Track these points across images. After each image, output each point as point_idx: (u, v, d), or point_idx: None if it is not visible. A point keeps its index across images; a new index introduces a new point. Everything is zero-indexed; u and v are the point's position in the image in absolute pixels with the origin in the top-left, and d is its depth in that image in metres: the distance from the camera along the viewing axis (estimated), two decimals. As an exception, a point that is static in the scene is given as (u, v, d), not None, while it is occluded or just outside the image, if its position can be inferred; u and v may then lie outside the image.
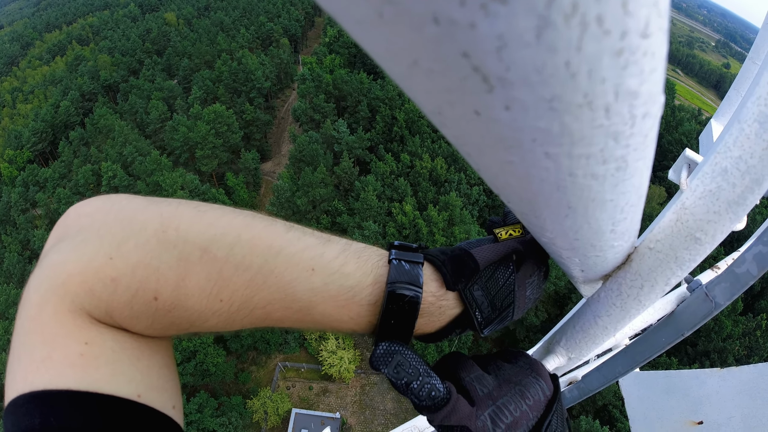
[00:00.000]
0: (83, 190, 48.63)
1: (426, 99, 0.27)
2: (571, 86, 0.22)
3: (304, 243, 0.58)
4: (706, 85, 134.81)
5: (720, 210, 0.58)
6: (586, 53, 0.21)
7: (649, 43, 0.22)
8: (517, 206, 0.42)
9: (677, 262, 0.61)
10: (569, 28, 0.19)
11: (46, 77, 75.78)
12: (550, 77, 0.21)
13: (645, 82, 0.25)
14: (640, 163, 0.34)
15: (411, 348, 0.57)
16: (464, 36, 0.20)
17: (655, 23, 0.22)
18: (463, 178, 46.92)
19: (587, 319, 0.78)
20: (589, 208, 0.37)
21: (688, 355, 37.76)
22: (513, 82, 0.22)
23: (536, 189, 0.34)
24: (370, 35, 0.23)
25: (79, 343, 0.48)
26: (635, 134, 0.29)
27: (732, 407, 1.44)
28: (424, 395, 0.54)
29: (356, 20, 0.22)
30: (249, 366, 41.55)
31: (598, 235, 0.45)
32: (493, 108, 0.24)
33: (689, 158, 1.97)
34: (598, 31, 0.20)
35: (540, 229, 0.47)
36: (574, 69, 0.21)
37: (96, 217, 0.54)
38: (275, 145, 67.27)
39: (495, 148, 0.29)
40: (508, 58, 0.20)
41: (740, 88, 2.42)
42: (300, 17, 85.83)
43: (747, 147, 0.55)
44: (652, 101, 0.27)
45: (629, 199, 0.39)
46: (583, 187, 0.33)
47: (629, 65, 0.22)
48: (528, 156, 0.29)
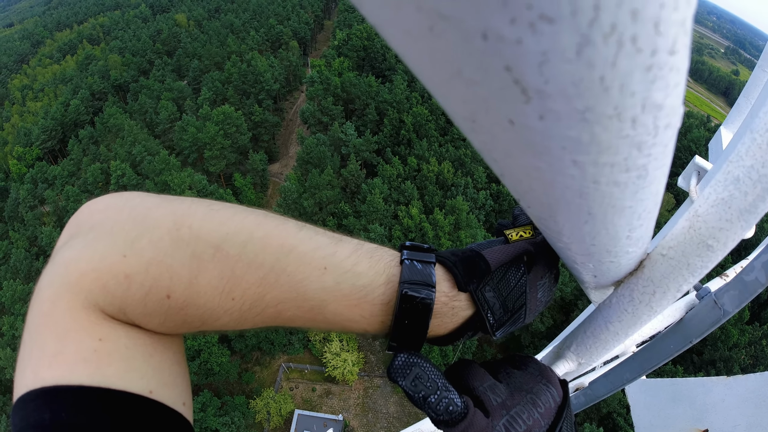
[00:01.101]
0: (92, 188, 48.88)
1: (461, 107, 0.28)
2: (604, 99, 0.24)
3: (316, 242, 0.58)
4: (715, 92, 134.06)
5: (732, 218, 0.58)
6: (619, 69, 0.22)
7: (675, 59, 0.24)
8: (537, 211, 0.43)
9: (689, 268, 0.61)
10: (607, 46, 0.21)
11: (56, 76, 76.36)
12: (586, 90, 0.23)
13: (669, 95, 0.26)
14: (659, 172, 0.35)
15: (429, 360, 0.57)
16: (510, 51, 0.21)
17: (682, 41, 0.23)
18: (470, 182, 46.82)
19: (598, 325, 0.78)
20: (608, 215, 0.38)
21: (694, 364, 37.45)
22: (550, 94, 0.23)
23: (559, 195, 0.35)
24: (416, 47, 0.24)
25: (93, 339, 0.48)
26: (657, 144, 0.30)
27: (737, 415, 1.43)
28: (441, 409, 0.54)
29: (404, 32, 0.23)
30: (253, 366, 41.56)
31: (615, 241, 0.46)
32: (528, 117, 0.25)
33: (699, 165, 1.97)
34: (632, 49, 0.21)
35: (557, 234, 0.48)
36: (608, 83, 0.23)
37: (109, 215, 0.54)
38: (283, 146, 67.45)
39: (524, 155, 0.30)
40: (548, 72, 0.22)
41: (750, 95, 2.41)
42: (309, 20, 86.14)
43: (759, 156, 0.56)
44: (674, 113, 0.29)
45: (647, 205, 0.40)
46: (605, 194, 0.34)
47: (657, 80, 0.24)
48: (556, 163, 0.30)
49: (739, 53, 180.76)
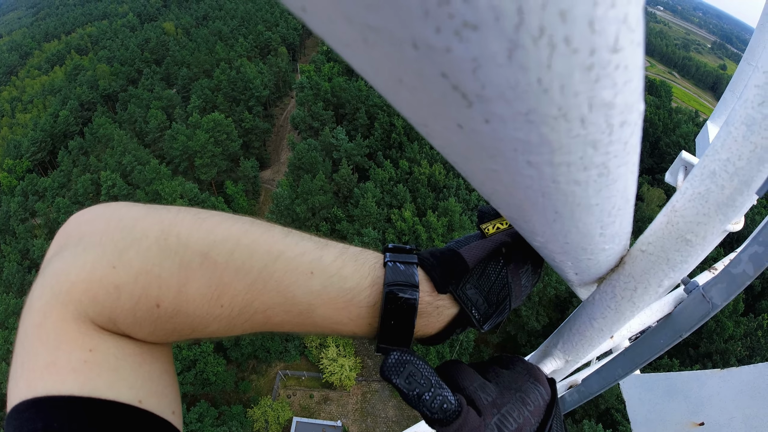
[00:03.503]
0: (82, 199, 48.57)
1: (412, 113, 0.29)
2: (545, 100, 0.23)
3: (302, 247, 0.59)
4: (702, 87, 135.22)
5: (709, 212, 0.58)
6: (556, 70, 0.22)
7: (621, 56, 0.23)
8: (507, 212, 0.43)
9: (669, 264, 0.61)
10: (538, 49, 0.20)
11: (45, 87, 75.84)
12: (524, 93, 0.23)
13: (619, 93, 0.25)
14: (622, 169, 0.34)
15: (422, 358, 0.57)
16: (441, 59, 0.21)
17: (626, 38, 0.23)
18: (462, 183, 46.90)
19: (583, 322, 0.78)
20: (575, 213, 0.38)
21: (690, 357, 37.65)
22: (490, 98, 0.23)
23: (522, 195, 0.35)
24: (357, 57, 0.25)
25: (83, 350, 0.49)
26: (614, 141, 0.30)
27: (733, 408, 1.44)
28: (436, 407, 0.54)
29: (344, 44, 0.24)
30: (249, 375, 41.29)
31: (588, 238, 0.46)
32: (474, 121, 0.25)
33: (685, 160, 1.98)
34: (566, 50, 0.21)
35: (531, 234, 0.48)
36: (546, 85, 0.22)
37: (97, 225, 0.55)
38: (274, 153, 67.30)
39: (479, 158, 0.30)
40: (483, 77, 0.22)
41: (736, 89, 2.43)
42: (298, 26, 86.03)
43: (735, 149, 0.56)
44: (629, 110, 0.28)
45: (615, 203, 0.39)
46: (567, 193, 0.34)
47: (601, 79, 0.23)
48: (511, 164, 0.30)
49: (726, 48, 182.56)
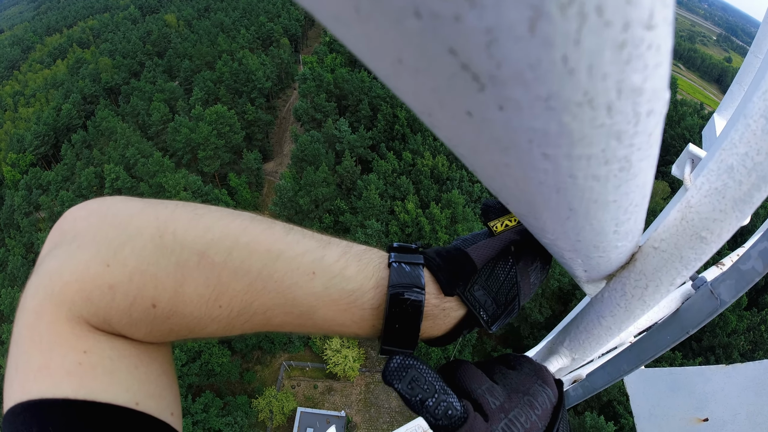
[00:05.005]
0: (86, 192, 48.90)
1: (414, 100, 0.26)
2: (570, 83, 0.20)
3: (304, 246, 0.56)
4: (708, 80, 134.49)
5: (726, 208, 0.56)
6: (585, 47, 0.19)
7: (654, 35, 0.20)
8: (516, 208, 0.40)
9: (682, 261, 0.59)
10: (566, 20, 0.17)
11: (47, 81, 76.13)
12: (546, 74, 0.19)
13: (649, 77, 0.23)
14: (644, 163, 0.32)
15: (426, 363, 0.56)
16: (449, 30, 0.18)
17: (660, 13, 0.20)
18: (465, 175, 46.95)
19: (591, 320, 0.76)
20: (591, 210, 0.35)
21: (692, 350, 37.77)
22: (506, 79, 0.20)
23: (535, 191, 0.33)
24: (349, 32, 0.21)
25: (77, 352, 0.47)
26: (639, 133, 0.27)
27: (737, 404, 1.43)
28: (440, 414, 0.52)
29: (333, 16, 0.21)
30: (254, 365, 41.76)
31: (601, 236, 0.43)
32: (486, 108, 0.22)
33: (693, 153, 1.96)
34: (598, 22, 0.18)
35: (541, 231, 0.46)
36: (572, 65, 0.19)
37: (92, 222, 0.53)
38: (277, 145, 67.41)
39: (490, 150, 0.27)
40: (499, 54, 0.19)
41: (743, 81, 2.41)
42: (300, 17, 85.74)
43: (753, 143, 0.53)
44: (657, 98, 0.25)
45: (633, 199, 0.37)
46: (584, 189, 0.31)
47: (633, 60, 0.21)
48: (525, 158, 0.27)
49: (731, 40, 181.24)
